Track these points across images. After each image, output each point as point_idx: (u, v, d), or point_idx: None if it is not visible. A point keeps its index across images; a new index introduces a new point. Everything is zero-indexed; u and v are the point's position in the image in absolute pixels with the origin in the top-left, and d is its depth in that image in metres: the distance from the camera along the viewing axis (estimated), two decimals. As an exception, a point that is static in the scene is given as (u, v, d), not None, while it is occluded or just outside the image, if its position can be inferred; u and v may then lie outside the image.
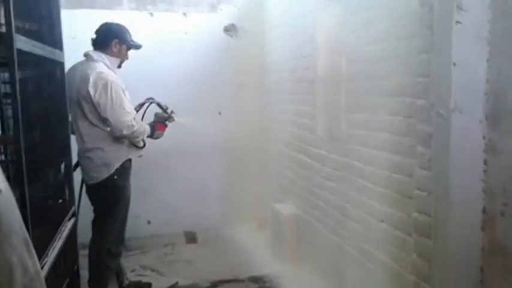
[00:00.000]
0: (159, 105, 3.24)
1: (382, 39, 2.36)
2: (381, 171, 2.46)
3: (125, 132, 2.86)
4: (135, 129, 2.89)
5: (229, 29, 4.41)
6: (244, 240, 4.29)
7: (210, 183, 4.50)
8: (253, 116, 4.42)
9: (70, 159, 2.52)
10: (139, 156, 3.18)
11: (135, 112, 3.01)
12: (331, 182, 3.10)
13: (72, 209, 2.42)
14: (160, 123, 3.21)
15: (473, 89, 1.73)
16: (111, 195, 2.99)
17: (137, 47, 3.11)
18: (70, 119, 2.79)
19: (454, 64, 1.71)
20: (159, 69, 4.11)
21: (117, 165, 2.94)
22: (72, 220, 2.37)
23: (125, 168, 3.01)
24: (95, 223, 3.05)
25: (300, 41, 3.53)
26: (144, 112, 3.22)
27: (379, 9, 2.39)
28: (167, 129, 3.27)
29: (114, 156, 2.94)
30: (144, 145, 3.14)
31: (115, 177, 2.94)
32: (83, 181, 3.04)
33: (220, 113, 4.41)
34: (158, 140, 3.26)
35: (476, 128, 1.75)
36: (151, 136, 3.16)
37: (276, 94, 4.16)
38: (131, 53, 3.13)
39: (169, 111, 3.24)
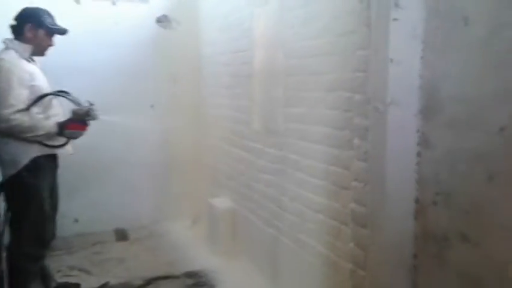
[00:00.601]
0: (72, 101, 2.85)
1: (321, 35, 2.41)
2: (317, 164, 2.52)
3: (2, 124, 2.59)
4: (13, 123, 2.60)
5: (162, 20, 4.31)
6: (178, 236, 4.22)
7: (143, 179, 4.36)
8: (188, 109, 4.36)
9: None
10: (70, 154, 2.99)
11: (24, 104, 2.66)
12: (267, 175, 3.13)
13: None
14: (74, 122, 2.81)
15: (409, 84, 1.81)
16: (20, 195, 2.76)
17: (60, 31, 2.89)
18: None
19: (391, 60, 1.78)
20: (87, 60, 3.93)
21: (25, 161, 2.71)
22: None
23: (37, 166, 2.76)
24: (11, 225, 2.81)
25: (236, 35, 3.52)
26: (48, 104, 2.81)
27: (318, 5, 2.43)
28: (87, 128, 2.86)
29: (22, 152, 2.72)
30: (66, 143, 2.89)
31: (23, 174, 2.72)
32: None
33: (152, 106, 4.30)
34: (87, 132, 2.99)
35: (410, 121, 1.84)
36: (60, 135, 2.81)
37: (212, 88, 4.12)
38: (57, 42, 2.93)
39: (85, 107, 2.81)
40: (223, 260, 3.58)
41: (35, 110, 2.74)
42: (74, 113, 2.83)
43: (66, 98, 2.87)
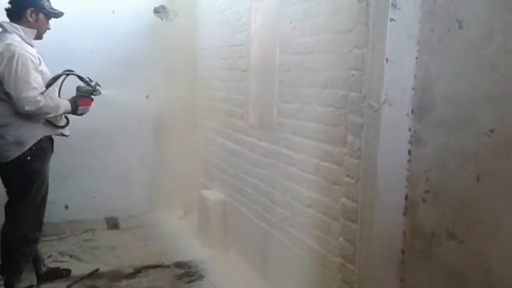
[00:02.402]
0: (80, 77, 2.98)
1: (319, 31, 2.44)
2: (310, 159, 2.55)
3: (27, 108, 2.63)
4: (40, 104, 2.67)
5: (160, 11, 4.31)
6: (169, 227, 4.25)
7: (135, 168, 4.38)
8: (182, 101, 4.36)
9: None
10: (66, 136, 3.01)
11: (43, 87, 2.75)
12: (260, 169, 3.16)
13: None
14: (84, 98, 2.96)
15: (403, 84, 1.86)
16: (23, 177, 2.80)
17: (58, 14, 2.90)
18: None
19: (387, 60, 1.82)
20: (83, 48, 3.92)
21: (30, 143, 2.75)
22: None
23: (41, 150, 2.82)
24: (9, 207, 2.85)
25: (233, 29, 3.54)
26: (61, 86, 2.96)
27: (317, 2, 2.46)
28: (94, 103, 3.03)
29: (27, 134, 2.75)
30: (67, 123, 2.97)
31: (28, 158, 2.75)
32: None
33: (147, 97, 4.30)
34: (80, 118, 3.06)
35: (403, 120, 1.88)
36: (74, 112, 2.94)
37: (208, 80, 4.14)
38: (53, 29, 2.94)
39: (93, 83, 3.00)
40: (213, 251, 3.62)
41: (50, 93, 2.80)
42: (80, 89, 2.97)
43: (76, 75, 2.97)
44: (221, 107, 3.82)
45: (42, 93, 2.71)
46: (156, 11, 4.27)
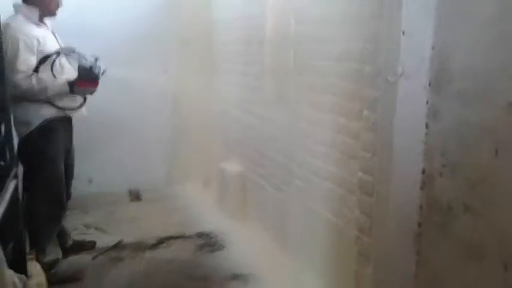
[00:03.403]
0: (73, 58, 2.82)
1: (333, 1, 2.39)
2: (326, 132, 2.55)
3: (13, 91, 2.57)
4: (22, 88, 2.66)
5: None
6: (189, 198, 4.34)
7: (155, 142, 4.45)
8: (199, 74, 4.35)
9: (8, 119, 2.36)
10: (84, 117, 3.05)
11: (30, 70, 2.70)
12: (277, 142, 3.17)
13: (14, 170, 2.31)
14: (83, 79, 2.81)
15: (420, 56, 1.81)
16: (32, 156, 2.84)
17: None
18: None
19: (403, 32, 1.78)
20: (99, 24, 3.93)
21: (36, 123, 2.79)
22: (14, 182, 2.27)
23: (50, 128, 2.84)
24: (24, 183, 2.88)
25: (249, 0, 3.48)
26: (52, 65, 2.80)
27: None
28: (96, 84, 2.87)
29: (33, 113, 2.79)
30: (82, 104, 2.96)
31: (35, 135, 2.79)
32: None
33: (165, 71, 4.31)
34: (100, 96, 3.00)
35: (420, 93, 1.85)
36: (72, 92, 2.86)
37: (224, 53, 4.11)
38: (68, 5, 2.97)
39: (88, 63, 2.79)
40: (233, 222, 3.69)
41: (44, 74, 2.77)
42: (80, 69, 2.84)
43: (66, 56, 2.85)
44: (238, 80, 3.80)
45: (31, 76, 2.69)
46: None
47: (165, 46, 4.25)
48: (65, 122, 2.98)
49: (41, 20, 2.86)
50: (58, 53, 2.85)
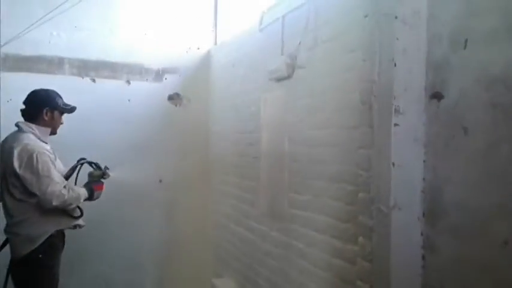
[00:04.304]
0: (90, 164, 3.14)
1: (325, 126, 2.44)
2: (321, 254, 2.46)
3: (55, 203, 2.72)
4: (65, 198, 2.76)
5: (173, 98, 4.43)
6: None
7: (147, 255, 4.30)
8: (194, 185, 4.37)
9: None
10: (80, 227, 3.02)
11: (65, 181, 2.88)
12: (272, 260, 3.06)
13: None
14: (96, 183, 3.09)
15: (411, 188, 1.80)
16: (34, 273, 2.77)
17: (71, 109, 3.02)
18: None
19: (393, 164, 1.79)
20: (100, 134, 3.99)
21: (42, 239, 2.76)
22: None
23: (53, 246, 2.83)
24: None
25: (244, 117, 3.58)
26: (77, 175, 3.10)
27: (322, 97, 2.48)
28: (104, 187, 3.15)
29: (40, 230, 2.77)
30: (82, 214, 2.99)
31: (40, 255, 2.75)
32: (11, 262, 2.81)
33: (161, 181, 4.32)
34: (91, 204, 3.11)
35: (414, 224, 1.81)
36: (90, 198, 3.01)
37: (219, 165, 4.15)
38: (74, 119, 3.10)
39: (102, 167, 3.14)
40: None
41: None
42: (92, 175, 3.10)
43: (87, 162, 3.12)
44: (233, 192, 3.79)
45: (64, 186, 2.79)
46: (170, 98, 4.38)
47: (162, 156, 4.27)
48: (61, 236, 2.95)
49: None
50: (82, 163, 3.09)
